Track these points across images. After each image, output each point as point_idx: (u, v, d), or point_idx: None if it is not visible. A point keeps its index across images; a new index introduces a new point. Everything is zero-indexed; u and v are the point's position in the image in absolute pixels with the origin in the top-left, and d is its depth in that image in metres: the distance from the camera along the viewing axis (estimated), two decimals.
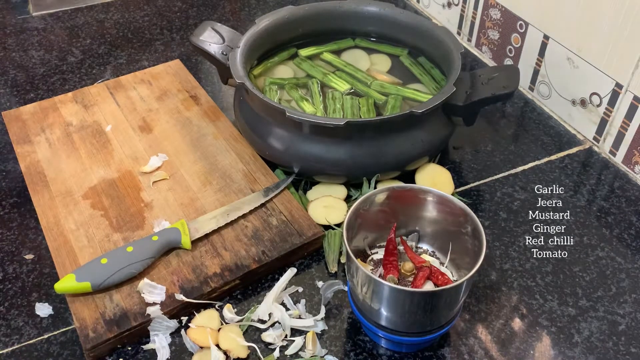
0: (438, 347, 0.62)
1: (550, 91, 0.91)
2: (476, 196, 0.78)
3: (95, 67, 1.02)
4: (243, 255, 0.68)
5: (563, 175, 0.81)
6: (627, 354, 0.61)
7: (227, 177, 0.78)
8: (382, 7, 0.90)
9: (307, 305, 0.65)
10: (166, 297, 0.63)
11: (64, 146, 0.82)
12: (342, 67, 0.89)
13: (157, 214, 0.73)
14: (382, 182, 0.77)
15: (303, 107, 0.82)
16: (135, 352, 0.62)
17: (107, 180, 0.77)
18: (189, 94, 0.92)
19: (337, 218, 0.73)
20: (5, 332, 0.63)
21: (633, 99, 0.77)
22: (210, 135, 0.84)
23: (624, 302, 0.66)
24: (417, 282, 0.59)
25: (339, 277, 0.68)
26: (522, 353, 0.61)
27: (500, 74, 0.77)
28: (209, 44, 0.83)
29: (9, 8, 1.20)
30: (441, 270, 0.61)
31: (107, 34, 1.11)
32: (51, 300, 0.66)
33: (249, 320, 0.63)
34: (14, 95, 0.96)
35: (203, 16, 1.16)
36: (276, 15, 0.88)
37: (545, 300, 0.66)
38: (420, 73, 0.88)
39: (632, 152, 0.80)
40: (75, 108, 0.89)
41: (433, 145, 0.77)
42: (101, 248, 0.69)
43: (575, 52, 0.84)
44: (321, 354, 0.61)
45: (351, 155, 0.73)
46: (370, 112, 0.81)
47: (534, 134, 0.88)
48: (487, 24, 0.99)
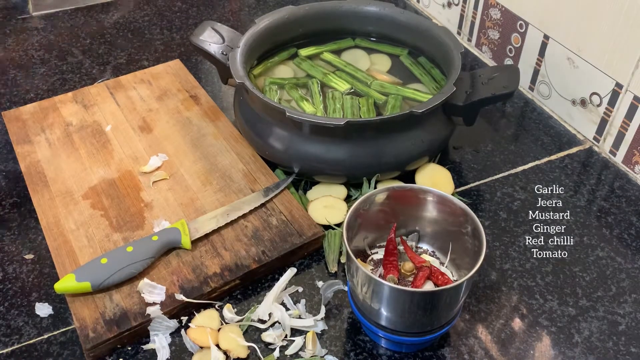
0: (438, 347, 0.62)
1: (550, 91, 0.91)
2: (476, 196, 0.78)
3: (95, 67, 1.02)
4: (243, 255, 0.68)
5: (563, 175, 0.81)
6: (627, 354, 0.61)
7: (227, 177, 0.78)
8: (382, 7, 0.90)
9: (307, 305, 0.65)
10: (166, 297, 0.63)
11: (64, 146, 0.82)
12: (342, 67, 0.89)
13: (157, 214, 0.73)
14: (382, 182, 0.77)
15: (303, 107, 0.82)
16: (135, 352, 0.62)
17: (107, 180, 0.77)
18: (189, 94, 0.92)
19: (337, 218, 0.73)
20: (5, 332, 0.63)
21: (633, 99, 0.77)
22: (210, 135, 0.84)
23: (624, 302, 0.66)
24: (417, 282, 0.59)
25: (339, 277, 0.68)
26: (522, 353, 0.61)
27: (500, 74, 0.77)
28: (209, 43, 0.83)
29: (9, 8, 1.20)
30: (441, 270, 0.61)
31: (107, 34, 1.11)
32: (51, 300, 0.66)
33: (249, 320, 0.63)
34: (14, 95, 0.96)
35: (203, 16, 1.16)
36: (276, 15, 0.88)
37: (545, 300, 0.66)
38: (420, 73, 0.88)
39: (632, 152, 0.80)
40: (75, 108, 0.89)
41: (433, 145, 0.77)
42: (101, 248, 0.69)
43: (575, 52, 0.84)
44: (321, 354, 0.61)
45: (351, 155, 0.73)
46: (370, 112, 0.81)
47: (534, 134, 0.88)
48: (487, 23, 0.99)
